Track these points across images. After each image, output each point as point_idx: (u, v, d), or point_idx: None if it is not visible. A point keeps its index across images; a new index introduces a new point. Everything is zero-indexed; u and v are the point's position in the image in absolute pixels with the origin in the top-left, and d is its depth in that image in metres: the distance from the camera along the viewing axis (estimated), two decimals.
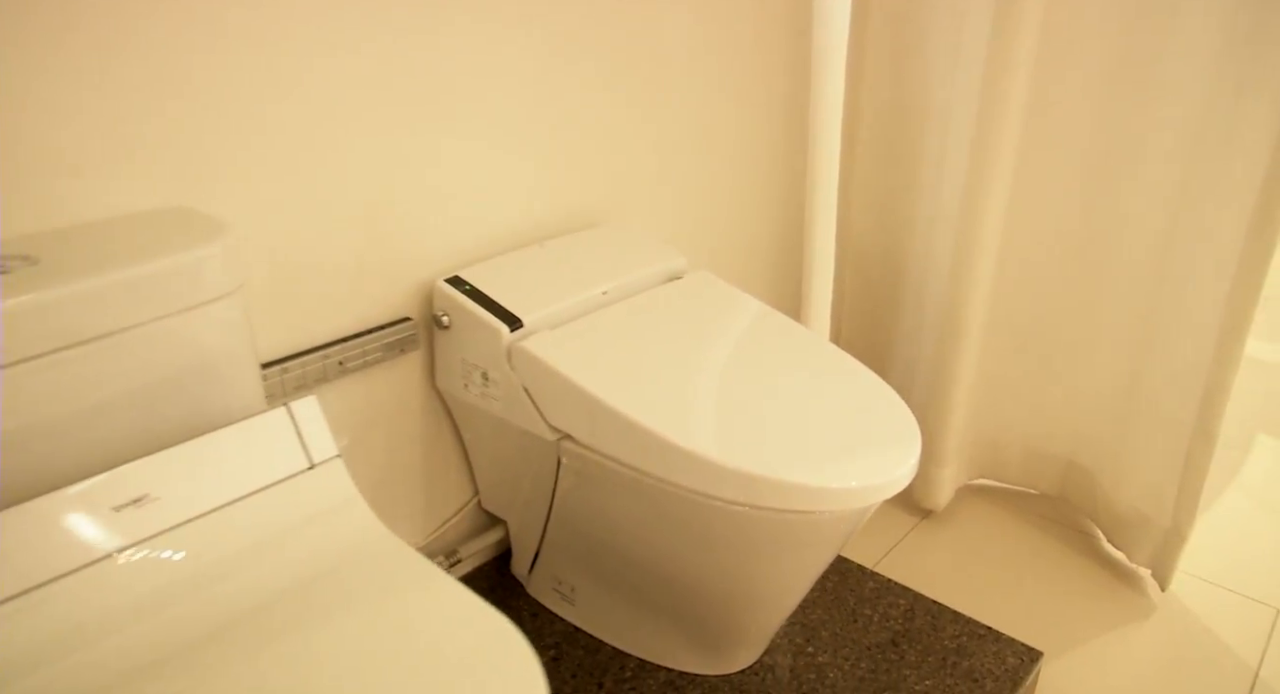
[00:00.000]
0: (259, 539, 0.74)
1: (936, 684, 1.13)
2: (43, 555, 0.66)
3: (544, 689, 0.61)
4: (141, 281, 0.73)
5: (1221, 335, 1.26)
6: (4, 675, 0.61)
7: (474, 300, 1.07)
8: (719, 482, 0.90)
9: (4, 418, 0.68)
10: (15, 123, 0.76)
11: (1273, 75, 1.12)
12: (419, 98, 1.04)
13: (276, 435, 0.78)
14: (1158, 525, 1.41)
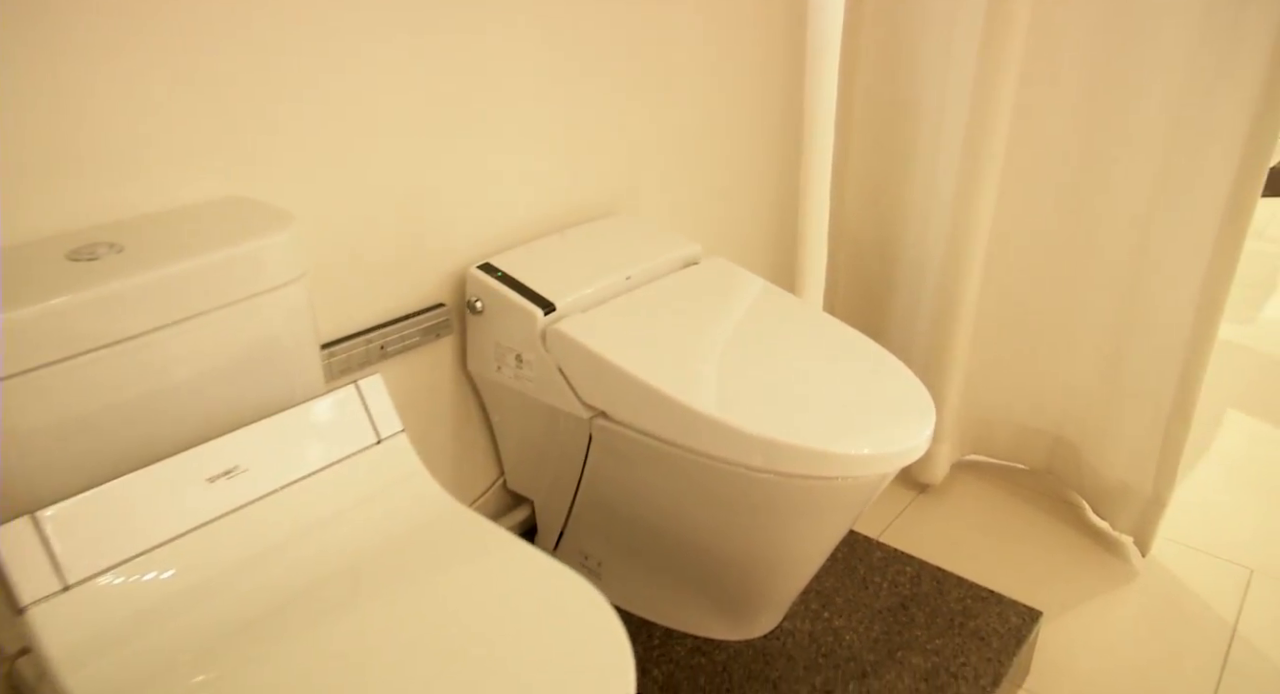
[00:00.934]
0: (337, 508, 0.80)
1: (946, 643, 1.22)
2: (148, 523, 0.71)
3: (624, 637, 0.68)
4: (221, 266, 0.79)
5: (1197, 317, 1.36)
6: (125, 634, 0.67)
7: (507, 286, 1.13)
8: (747, 450, 0.97)
9: (101, 395, 0.73)
10: (93, 118, 0.81)
11: (1243, 73, 1.22)
12: (451, 99, 1.10)
13: (346, 411, 0.83)
14: (1139, 495, 1.51)
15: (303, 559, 0.75)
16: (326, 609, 0.71)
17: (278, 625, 0.69)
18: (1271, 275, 2.76)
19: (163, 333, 0.76)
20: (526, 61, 1.18)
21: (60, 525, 0.67)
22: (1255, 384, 2.11)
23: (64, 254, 0.76)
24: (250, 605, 0.71)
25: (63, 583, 0.67)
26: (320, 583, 0.73)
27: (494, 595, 0.72)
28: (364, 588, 0.73)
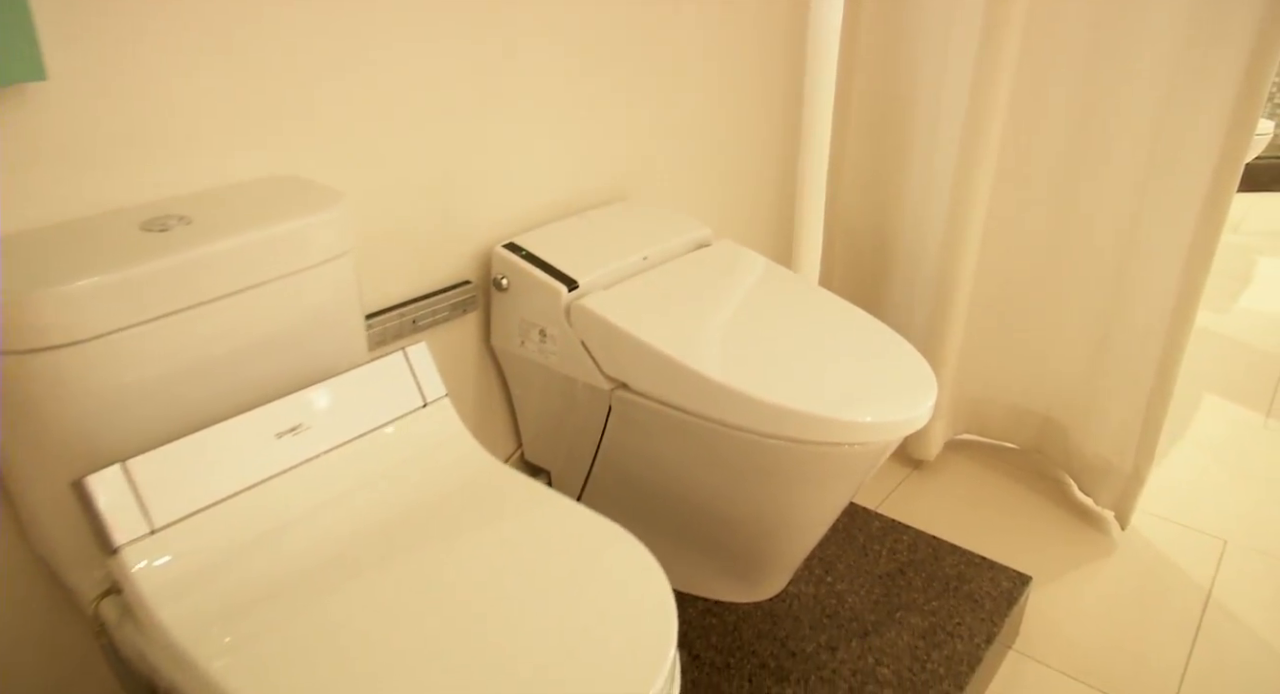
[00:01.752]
0: (390, 464, 0.86)
1: (942, 605, 1.30)
2: (224, 473, 0.77)
3: (664, 579, 0.75)
4: (282, 239, 0.85)
5: (1177, 303, 1.45)
6: (206, 574, 0.73)
7: (531, 264, 1.20)
8: (760, 417, 1.05)
9: (176, 357, 0.79)
10: (159, 100, 0.86)
11: (1222, 77, 1.30)
12: (480, 90, 1.16)
13: (396, 376, 0.90)
14: (1120, 471, 1.61)
15: (361, 509, 0.82)
16: (386, 554, 0.77)
17: (342, 568, 0.76)
18: (1247, 267, 2.88)
19: (229, 300, 0.82)
20: (548, 56, 1.24)
21: (147, 473, 0.73)
22: (1231, 370, 2.22)
23: (137, 225, 0.82)
24: (317, 550, 0.77)
25: (150, 526, 0.73)
26: (379, 530, 0.80)
27: (542, 543, 0.78)
28: (419, 535, 0.79)
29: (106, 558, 0.72)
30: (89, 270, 0.73)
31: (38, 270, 0.73)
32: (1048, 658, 1.34)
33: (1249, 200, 3.57)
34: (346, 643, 0.68)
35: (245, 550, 0.76)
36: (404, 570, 0.75)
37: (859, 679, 1.18)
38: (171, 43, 0.86)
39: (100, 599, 0.79)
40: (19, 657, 0.91)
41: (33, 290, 0.70)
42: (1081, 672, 1.32)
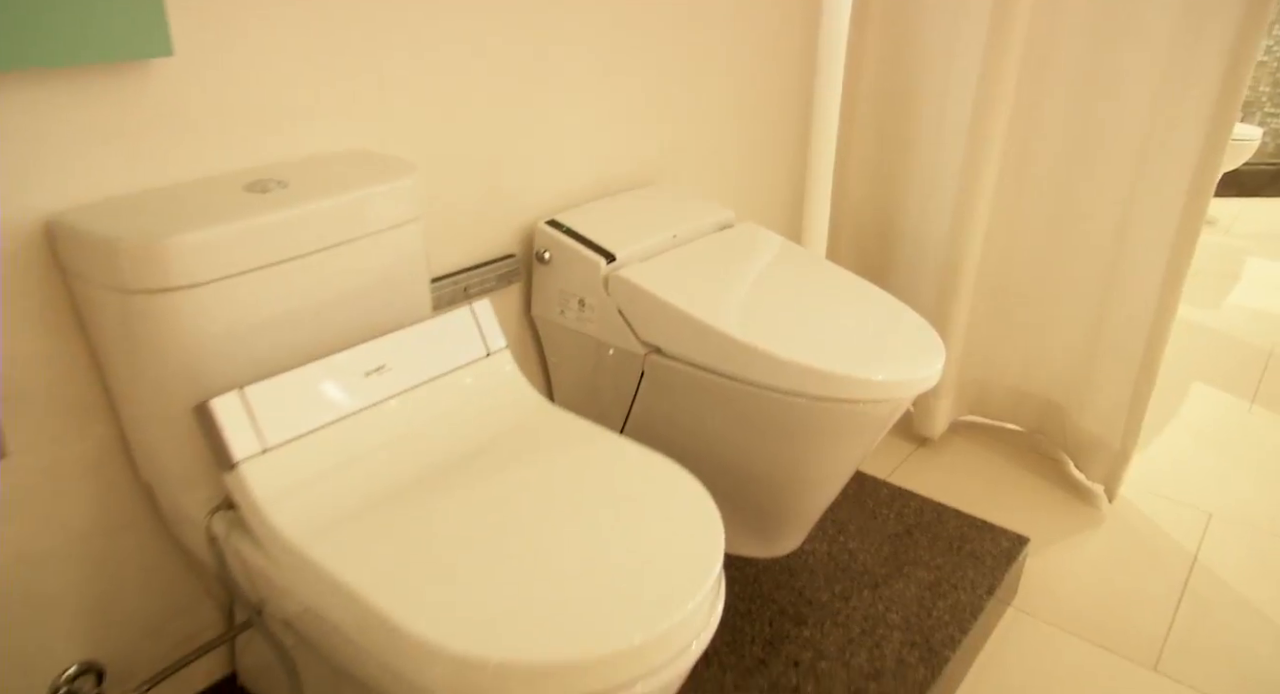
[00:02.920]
0: (460, 403, 0.97)
1: (946, 562, 1.41)
2: (322, 403, 0.88)
3: (711, 502, 0.86)
4: (365, 201, 0.96)
5: (1162, 289, 1.57)
6: (308, 487, 0.83)
7: (572, 239, 1.31)
8: (784, 375, 1.16)
9: (279, 302, 0.90)
10: (258, 79, 0.97)
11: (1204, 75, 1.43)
12: (524, 82, 1.28)
13: (463, 328, 1.01)
14: (1109, 447, 1.72)
15: (437, 439, 0.93)
16: (462, 476, 0.88)
17: (424, 485, 0.86)
18: (1237, 267, 3.01)
19: (320, 255, 0.93)
20: (587, 51, 1.36)
21: (260, 399, 0.84)
22: (1218, 360, 2.34)
23: (242, 187, 0.93)
24: (402, 471, 0.88)
25: (263, 445, 0.83)
26: (454, 457, 0.91)
27: (602, 469, 0.89)
28: (490, 461, 0.90)
29: (224, 473, 0.83)
30: (206, 223, 0.84)
31: (163, 222, 0.84)
32: (1043, 614, 1.45)
33: (1239, 204, 3.71)
34: (431, 542, 0.79)
35: (341, 469, 0.86)
36: (479, 488, 0.86)
37: (870, 623, 1.29)
38: (274, 29, 0.97)
39: (211, 515, 0.90)
40: (126, 572, 1.02)
41: (161, 238, 0.81)
42: (1075, 626, 1.43)
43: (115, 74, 0.87)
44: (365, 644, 0.75)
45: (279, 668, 1.07)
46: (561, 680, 0.70)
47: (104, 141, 0.88)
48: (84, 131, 0.86)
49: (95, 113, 0.86)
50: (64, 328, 0.90)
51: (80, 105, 0.85)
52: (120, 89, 0.87)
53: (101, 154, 0.88)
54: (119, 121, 0.88)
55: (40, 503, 0.93)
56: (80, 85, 0.85)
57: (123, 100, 0.88)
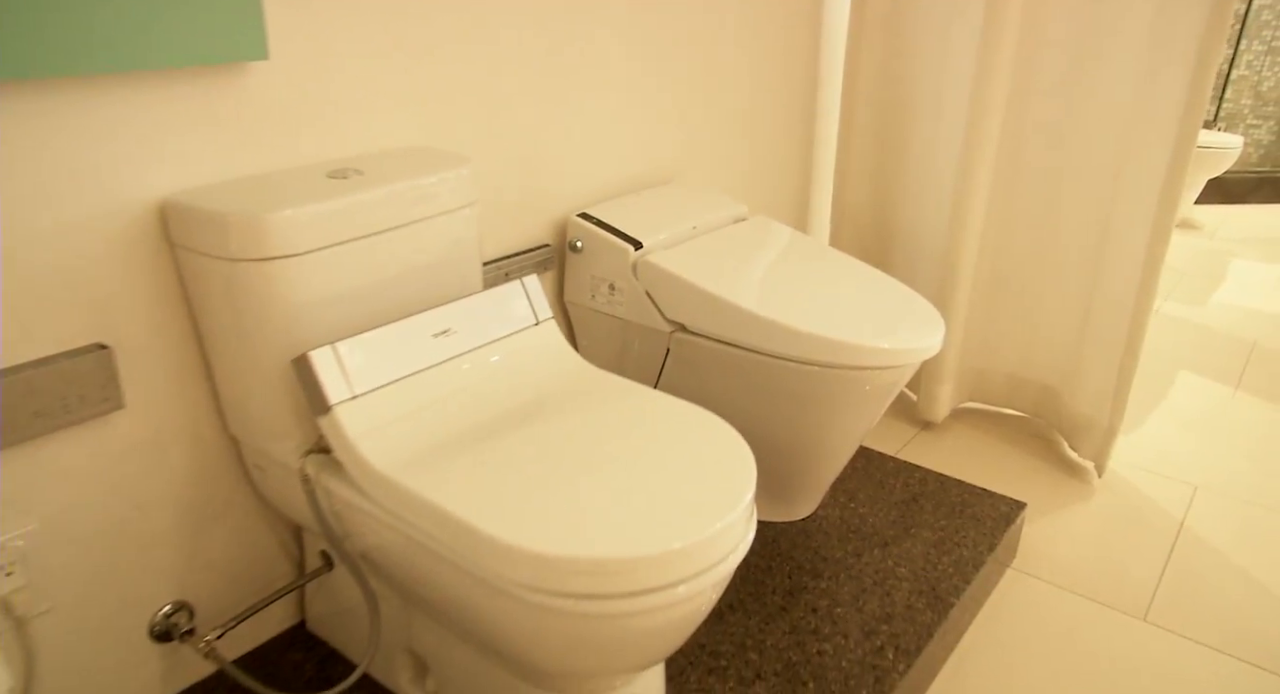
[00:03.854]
0: (515, 362, 1.10)
1: (950, 524, 1.53)
2: (399, 359, 1.01)
3: (743, 442, 0.98)
4: (429, 187, 1.09)
5: (1141, 279, 1.71)
6: (390, 428, 0.96)
7: (603, 229, 1.44)
8: (799, 345, 1.29)
9: (360, 273, 1.03)
10: (334, 82, 1.12)
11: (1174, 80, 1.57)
12: (555, 88, 1.42)
13: (516, 300, 1.14)
14: (1098, 425, 1.85)
15: (496, 394, 1.05)
16: (521, 421, 1.01)
17: (487, 431, 0.99)
18: (1221, 269, 3.15)
19: (391, 233, 1.07)
20: (614, 64, 1.50)
21: (348, 354, 0.97)
22: (1202, 352, 2.48)
23: (324, 174, 1.07)
24: (466, 419, 1.01)
25: (352, 392, 0.96)
26: (512, 408, 1.03)
27: (646, 416, 1.02)
28: (545, 410, 1.03)
29: (319, 416, 0.96)
30: (300, 202, 0.98)
31: (263, 201, 0.97)
32: (1041, 573, 1.57)
33: (1223, 211, 3.86)
34: (501, 469, 0.91)
35: (416, 414, 0.99)
36: (538, 429, 0.99)
37: (880, 576, 1.41)
38: (349, 40, 1.11)
39: (304, 458, 1.02)
40: (212, 521, 1.14)
41: (264, 214, 0.95)
42: (1070, 584, 1.55)
43: (219, 75, 1.01)
44: (449, 554, 0.87)
45: (361, 599, 1.19)
46: (621, 575, 0.82)
47: (208, 134, 1.02)
48: (192, 125, 1.00)
49: (202, 108, 1.00)
50: (170, 298, 1.03)
51: (189, 102, 0.99)
52: (223, 88, 1.01)
53: (206, 144, 1.02)
54: (221, 116, 1.02)
55: (148, 452, 1.05)
56: (189, 85, 0.99)
57: (225, 98, 1.02)
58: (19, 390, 0.91)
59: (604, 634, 0.87)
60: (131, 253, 0.99)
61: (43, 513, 0.98)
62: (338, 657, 1.24)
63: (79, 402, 0.96)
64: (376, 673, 1.20)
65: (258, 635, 1.26)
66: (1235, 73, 3.97)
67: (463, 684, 1.09)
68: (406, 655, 1.15)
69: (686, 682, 1.20)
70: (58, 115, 0.90)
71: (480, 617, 0.92)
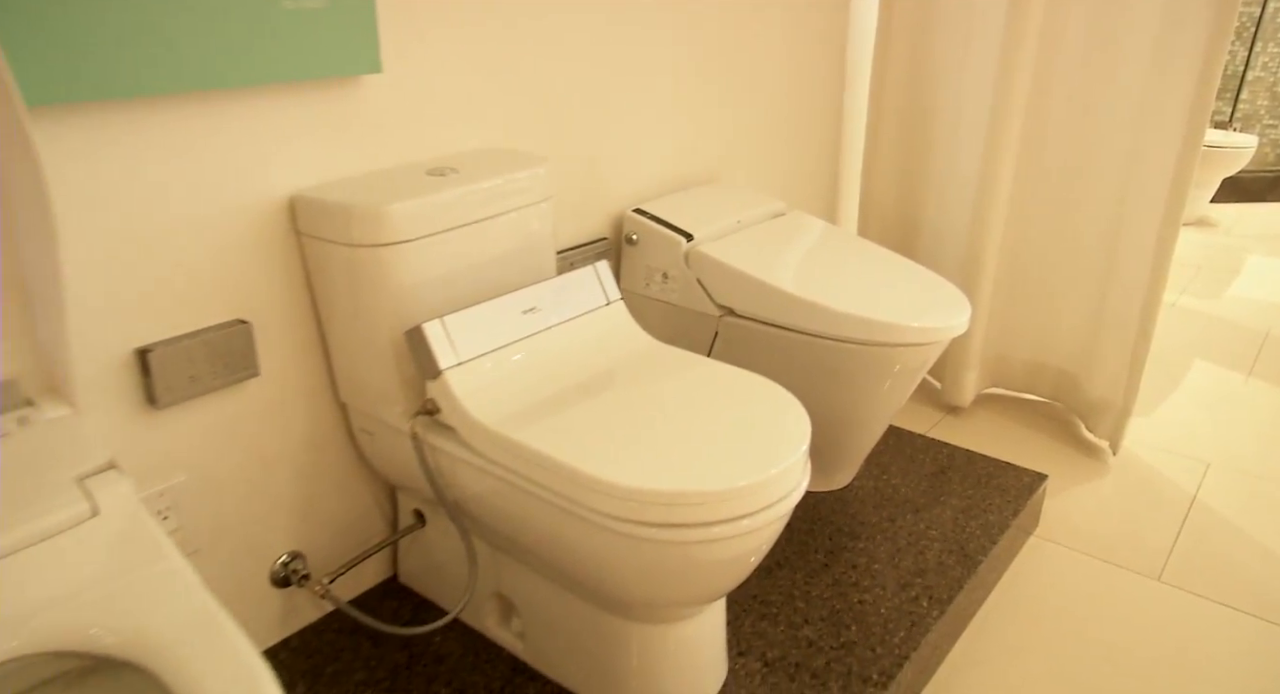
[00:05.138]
0: (591, 337, 1.26)
1: (976, 492, 1.68)
2: (494, 332, 1.17)
3: (799, 405, 1.13)
4: (515, 183, 1.26)
5: (1154, 261, 1.85)
6: (491, 389, 1.12)
7: (656, 223, 1.60)
8: (837, 324, 1.44)
9: (459, 257, 1.19)
10: (433, 89, 1.28)
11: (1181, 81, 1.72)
12: (611, 96, 1.58)
13: (589, 282, 1.30)
14: (1113, 406, 1.99)
15: (577, 363, 1.21)
16: (602, 386, 1.16)
17: (572, 394, 1.15)
18: (1237, 264, 3.28)
19: (485, 222, 1.23)
20: (663, 74, 1.67)
21: (454, 326, 1.13)
22: (1217, 341, 2.61)
23: (424, 172, 1.23)
24: (553, 384, 1.17)
25: (458, 359, 1.12)
26: (592, 375, 1.19)
27: (713, 382, 1.17)
28: (622, 377, 1.18)
29: (429, 381, 1.12)
30: (410, 196, 1.14)
31: (379, 195, 1.14)
32: (1061, 540, 1.71)
33: (1240, 209, 3.98)
34: (589, 422, 1.07)
35: (511, 379, 1.15)
36: (618, 392, 1.14)
37: (913, 538, 1.55)
38: (442, 56, 1.28)
39: (413, 419, 1.18)
40: (323, 480, 1.31)
41: (383, 205, 1.11)
42: (1089, 548, 1.69)
43: (340, 86, 1.17)
44: (546, 494, 1.03)
45: (450, 552, 1.35)
46: (695, 507, 0.97)
47: (328, 137, 1.18)
48: (315, 129, 1.17)
49: (325, 114, 1.17)
50: (295, 280, 1.20)
51: (315, 109, 1.16)
52: (342, 97, 1.18)
53: (325, 146, 1.19)
54: (339, 121, 1.19)
55: (274, 417, 1.22)
56: (316, 94, 1.15)
57: (343, 105, 1.19)
58: (179, 358, 1.08)
59: (679, 561, 1.02)
60: (266, 240, 1.15)
61: (190, 467, 1.15)
62: (429, 605, 1.40)
63: (225, 369, 1.13)
64: (466, 616, 1.36)
65: (356, 587, 1.42)
66: (1251, 74, 4.10)
67: (548, 620, 1.24)
68: (494, 600, 1.31)
69: (742, 626, 1.35)
70: (209, 122, 1.06)
71: (570, 550, 1.07)
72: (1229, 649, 1.46)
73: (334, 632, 1.34)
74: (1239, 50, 4.10)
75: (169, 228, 1.06)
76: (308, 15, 1.09)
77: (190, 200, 1.07)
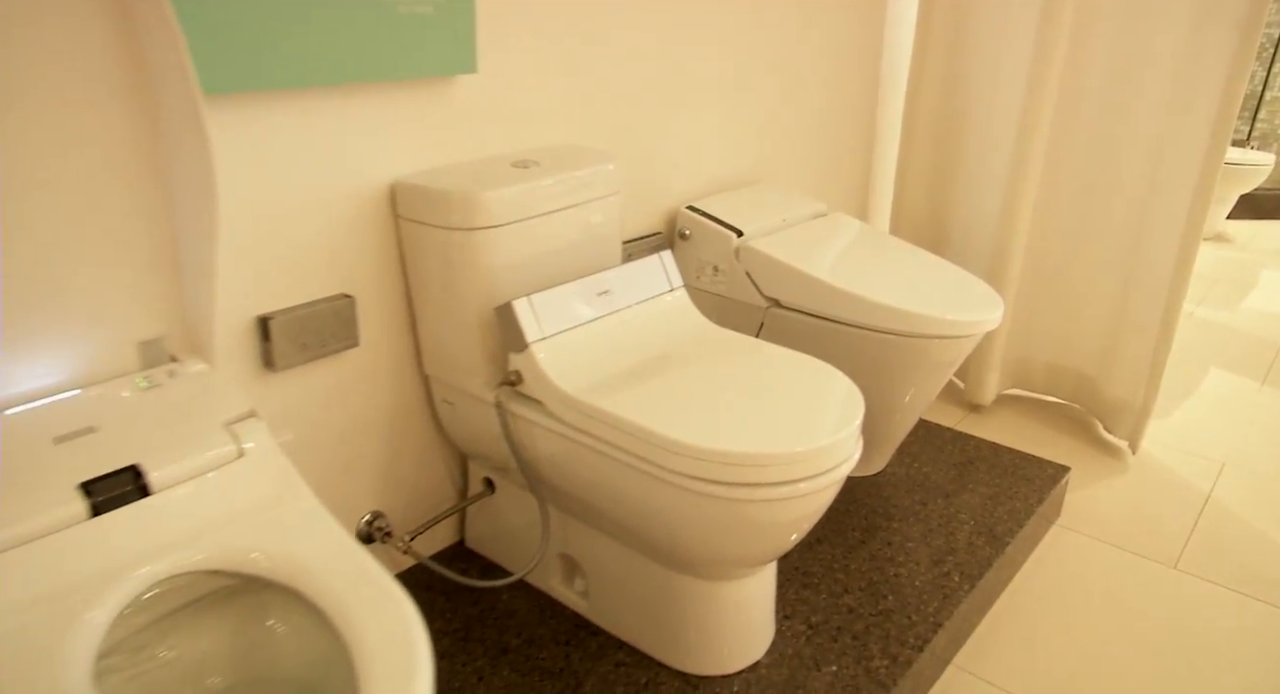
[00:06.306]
0: (658, 318, 1.39)
1: (1003, 482, 1.80)
2: (573, 310, 1.29)
3: (851, 383, 1.25)
4: (589, 176, 1.39)
5: (1176, 268, 1.98)
6: (569, 361, 1.25)
7: (708, 219, 1.73)
8: (877, 316, 1.57)
9: (539, 242, 1.32)
10: (514, 90, 1.41)
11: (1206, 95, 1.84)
12: (664, 100, 1.72)
13: (654, 270, 1.43)
14: (1132, 407, 2.11)
15: (647, 341, 1.34)
16: (671, 362, 1.29)
17: (644, 368, 1.27)
18: (1252, 278, 3.40)
19: (563, 212, 1.36)
20: (713, 82, 1.80)
21: (539, 303, 1.26)
22: (1232, 350, 2.73)
23: (509, 164, 1.36)
24: (626, 360, 1.29)
25: (543, 334, 1.25)
26: (660, 353, 1.31)
27: (773, 361, 1.30)
28: (688, 355, 1.31)
29: (515, 354, 1.24)
30: (501, 185, 1.27)
31: (473, 183, 1.27)
32: (1083, 529, 1.83)
33: (1255, 226, 4.11)
34: (662, 391, 1.19)
35: (589, 353, 1.28)
36: (687, 368, 1.27)
37: (944, 520, 1.67)
38: (525, 61, 1.41)
39: (497, 389, 1.31)
40: (405, 446, 1.43)
41: (480, 192, 1.24)
42: (1109, 537, 1.80)
43: (439, 84, 1.31)
44: (623, 456, 1.15)
45: (518, 518, 1.47)
46: (760, 468, 1.09)
47: (425, 130, 1.31)
48: (414, 122, 1.30)
49: (424, 110, 1.30)
50: (391, 259, 1.33)
51: (416, 105, 1.29)
52: (440, 94, 1.31)
53: (423, 138, 1.32)
54: (436, 116, 1.32)
55: (368, 385, 1.34)
56: (418, 91, 1.29)
57: (440, 102, 1.32)
58: (293, 326, 1.21)
59: (741, 519, 1.14)
60: (369, 222, 1.28)
61: (296, 426, 1.27)
62: (495, 567, 1.53)
63: (331, 338, 1.26)
64: (531, 578, 1.48)
65: (428, 549, 1.54)
66: (1269, 94, 4.23)
67: (611, 579, 1.36)
68: (559, 560, 1.43)
69: (786, 593, 1.47)
70: (332, 114, 1.20)
71: (642, 509, 1.20)
72: (1240, 632, 1.57)
73: (409, 587, 1.46)
74: (1257, 71, 4.23)
75: (291, 208, 1.19)
76: (418, 20, 1.22)
77: (310, 184, 1.20)
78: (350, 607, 0.84)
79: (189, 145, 0.96)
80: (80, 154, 0.95)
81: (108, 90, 0.95)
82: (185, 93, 0.93)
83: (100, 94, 0.95)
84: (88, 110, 0.94)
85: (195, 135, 0.95)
